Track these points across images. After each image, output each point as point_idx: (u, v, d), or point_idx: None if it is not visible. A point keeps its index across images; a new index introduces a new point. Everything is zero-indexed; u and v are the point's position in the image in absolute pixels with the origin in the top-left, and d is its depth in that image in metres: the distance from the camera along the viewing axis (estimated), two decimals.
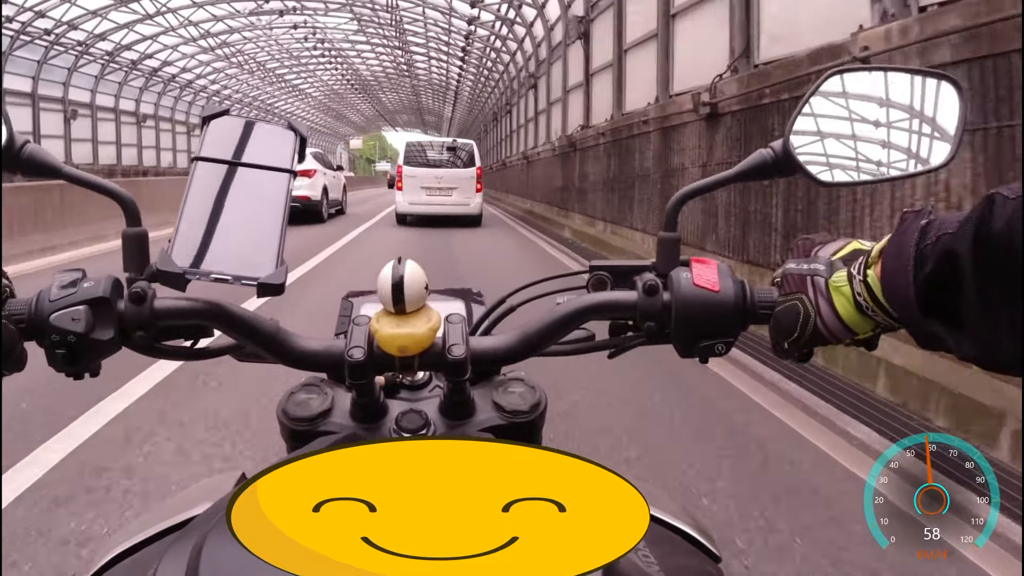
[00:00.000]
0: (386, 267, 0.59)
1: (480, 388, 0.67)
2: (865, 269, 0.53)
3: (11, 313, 0.57)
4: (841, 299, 0.54)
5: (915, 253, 0.47)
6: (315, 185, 14.73)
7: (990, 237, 0.41)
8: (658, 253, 0.66)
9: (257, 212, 0.65)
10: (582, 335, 0.67)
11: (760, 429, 3.33)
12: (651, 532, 0.68)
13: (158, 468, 2.72)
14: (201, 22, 24.70)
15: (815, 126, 0.64)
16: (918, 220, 0.49)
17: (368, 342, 0.59)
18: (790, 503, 2.54)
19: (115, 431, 3.06)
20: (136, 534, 0.67)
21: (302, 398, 0.66)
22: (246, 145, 0.68)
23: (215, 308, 0.61)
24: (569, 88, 14.06)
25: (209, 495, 0.69)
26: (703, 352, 0.61)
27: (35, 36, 19.50)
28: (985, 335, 0.44)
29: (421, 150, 14.74)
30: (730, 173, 0.66)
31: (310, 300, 5.68)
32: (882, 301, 0.51)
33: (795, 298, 0.57)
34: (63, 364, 0.58)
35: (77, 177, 0.65)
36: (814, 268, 0.57)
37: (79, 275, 0.60)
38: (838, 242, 0.58)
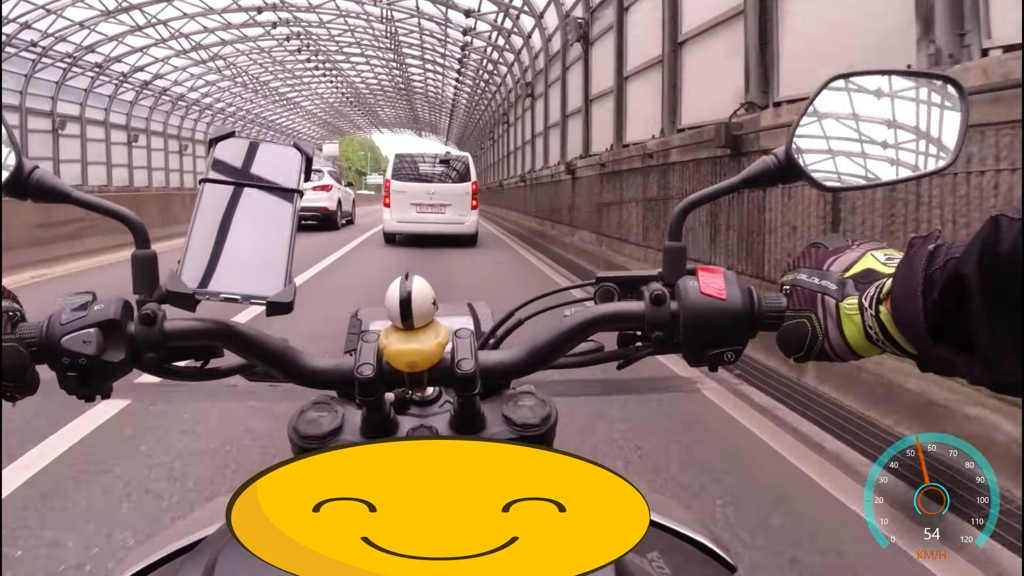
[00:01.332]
0: (393, 283, 0.60)
1: (490, 402, 0.67)
2: (878, 304, 0.52)
3: (22, 336, 0.58)
4: (851, 326, 0.54)
5: (924, 278, 0.47)
6: (332, 198, 17.79)
7: (996, 259, 0.42)
8: (664, 263, 0.66)
9: (265, 232, 0.65)
10: (590, 347, 0.68)
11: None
12: (665, 543, 0.68)
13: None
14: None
15: (818, 131, 0.64)
16: (926, 245, 0.49)
17: (377, 359, 0.59)
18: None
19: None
20: (148, 556, 0.67)
21: (313, 416, 0.66)
22: (252, 165, 0.69)
23: (224, 328, 0.61)
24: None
25: (220, 515, 0.69)
26: (712, 360, 0.61)
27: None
28: (995, 358, 0.44)
29: (412, 163, 13.50)
30: (735, 180, 0.66)
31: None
32: (894, 336, 0.51)
33: (804, 315, 0.57)
34: (75, 387, 0.58)
35: (87, 202, 0.66)
36: (825, 286, 0.56)
37: (89, 298, 0.60)
38: (852, 253, 0.58)
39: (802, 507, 2.55)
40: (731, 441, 3.27)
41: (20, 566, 2.09)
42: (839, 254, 0.58)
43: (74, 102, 22.81)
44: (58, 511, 2.42)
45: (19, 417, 3.11)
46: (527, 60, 18.50)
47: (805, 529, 2.37)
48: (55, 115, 21.62)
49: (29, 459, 2.88)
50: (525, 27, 17.89)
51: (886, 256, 0.56)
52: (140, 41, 23.59)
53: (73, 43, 21.35)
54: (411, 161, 13.55)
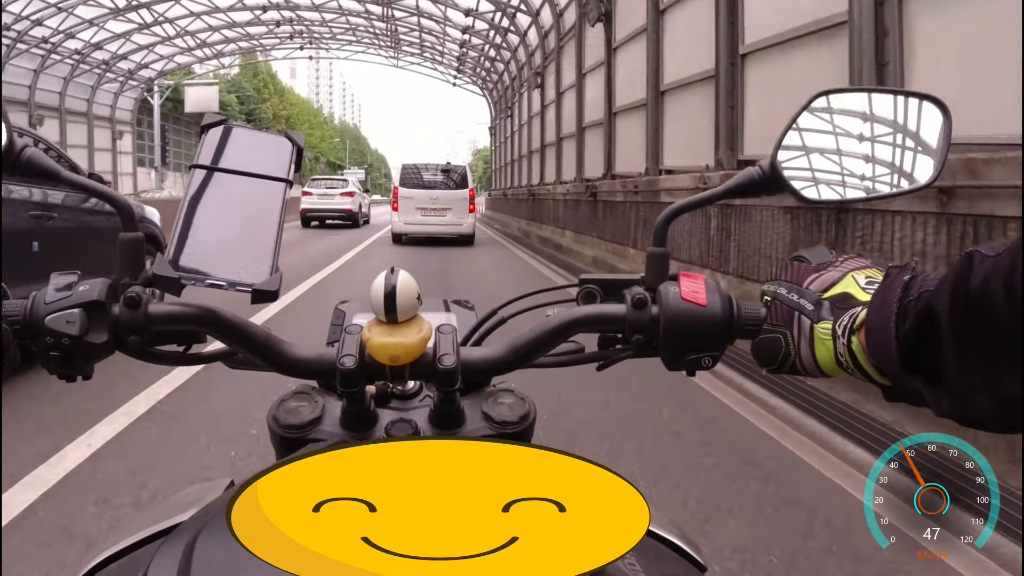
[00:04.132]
0: (378, 277, 0.60)
1: (470, 399, 0.67)
2: (850, 335, 0.53)
3: (7, 314, 0.58)
4: (823, 349, 0.55)
5: (897, 308, 0.48)
6: (355, 203, 21.90)
7: (968, 295, 0.42)
8: (647, 267, 0.67)
9: (253, 220, 0.65)
10: (571, 347, 0.68)
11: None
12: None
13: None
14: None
15: (802, 144, 0.65)
16: (902, 276, 0.49)
17: (360, 351, 0.59)
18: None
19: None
20: (123, 539, 0.67)
21: (292, 406, 0.66)
22: (243, 154, 0.69)
23: (208, 314, 0.61)
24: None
25: (197, 501, 0.69)
26: (690, 365, 0.61)
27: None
28: (962, 392, 0.44)
29: (416, 172, 15.41)
30: (719, 190, 0.66)
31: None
32: (863, 366, 0.52)
33: (779, 331, 0.58)
34: (56, 366, 0.58)
35: (76, 182, 0.65)
36: (802, 305, 0.57)
37: (75, 278, 0.60)
38: (833, 272, 0.58)
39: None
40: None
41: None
42: (821, 272, 0.59)
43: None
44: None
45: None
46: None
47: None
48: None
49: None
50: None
51: (867, 279, 0.57)
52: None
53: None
54: (415, 171, 15.47)
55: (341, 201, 21.60)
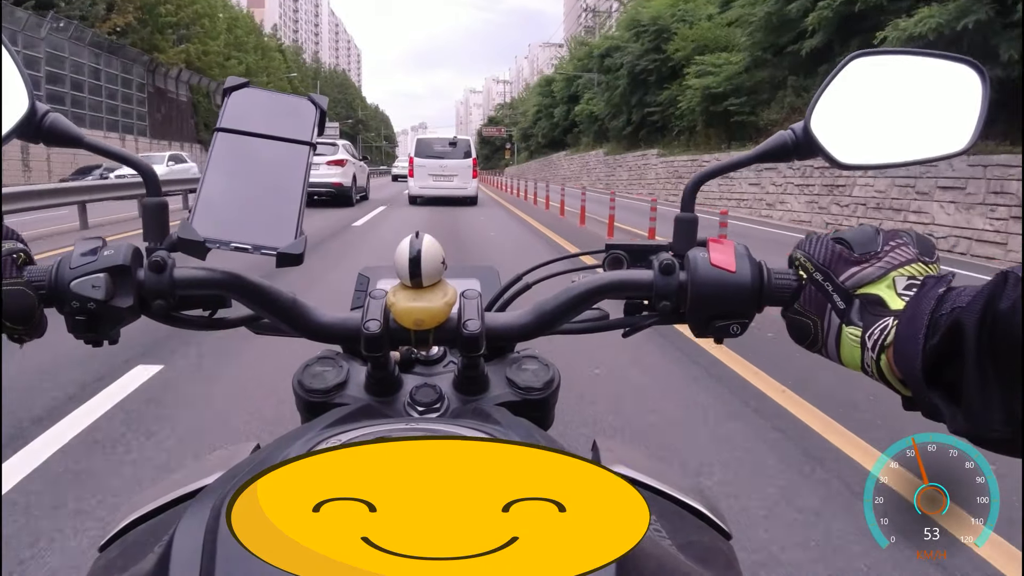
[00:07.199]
0: (403, 241, 0.59)
1: (494, 364, 0.67)
2: (880, 352, 0.51)
3: (31, 279, 0.57)
4: (848, 352, 0.54)
5: (928, 322, 0.47)
6: (347, 173, 16.53)
7: (996, 316, 0.41)
8: (675, 233, 0.65)
9: (277, 183, 0.64)
10: (595, 314, 0.67)
11: None
12: (663, 507, 0.68)
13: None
14: None
15: (837, 109, 0.63)
16: (937, 288, 0.49)
17: (384, 315, 0.59)
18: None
19: None
20: (151, 501, 0.67)
21: (318, 370, 0.66)
22: (266, 117, 0.68)
23: (234, 278, 0.60)
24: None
25: (223, 464, 0.68)
26: (718, 332, 0.60)
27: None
28: (980, 412, 0.43)
29: (429, 145, 19.05)
30: (750, 154, 0.65)
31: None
32: (889, 379, 0.51)
33: (810, 319, 0.57)
34: (82, 331, 0.58)
35: (100, 147, 0.65)
36: (834, 299, 0.55)
37: (100, 243, 0.60)
38: (872, 269, 0.55)
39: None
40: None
41: None
42: (861, 266, 0.55)
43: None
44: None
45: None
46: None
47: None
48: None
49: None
50: None
51: (907, 283, 0.53)
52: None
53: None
54: (428, 144, 19.20)
55: (327, 172, 15.64)
